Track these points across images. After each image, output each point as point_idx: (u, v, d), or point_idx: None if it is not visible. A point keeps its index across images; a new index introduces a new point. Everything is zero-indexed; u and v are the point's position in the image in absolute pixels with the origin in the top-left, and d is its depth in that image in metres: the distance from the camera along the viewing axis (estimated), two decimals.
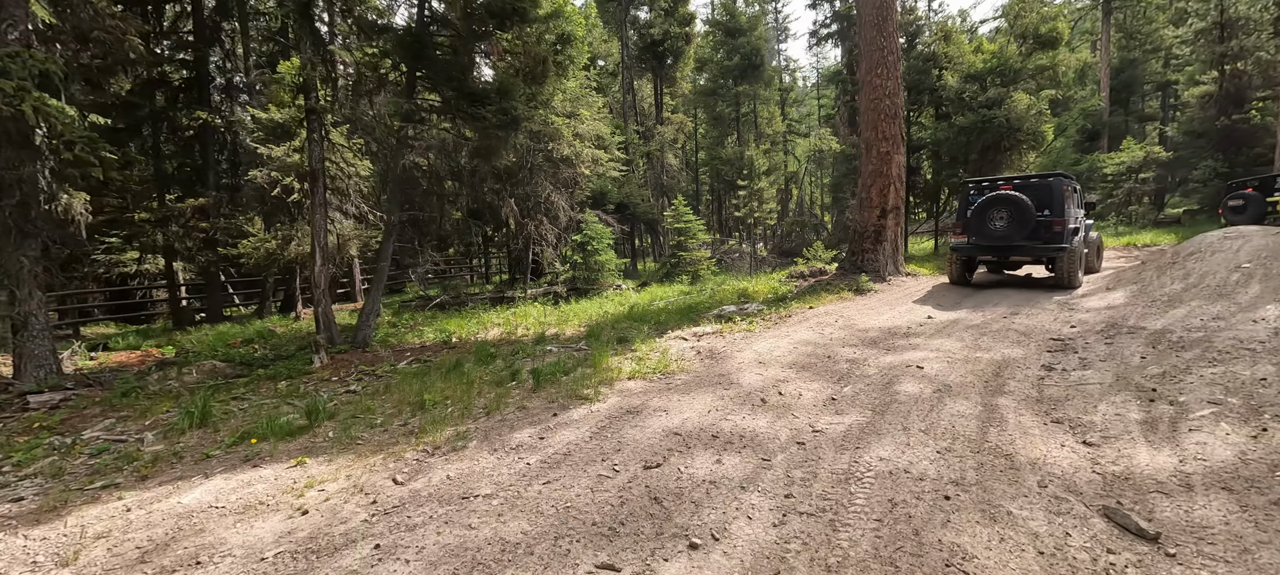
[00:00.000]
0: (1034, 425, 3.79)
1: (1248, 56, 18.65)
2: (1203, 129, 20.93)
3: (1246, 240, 7.81)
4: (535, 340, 8.17)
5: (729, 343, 6.91)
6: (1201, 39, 20.16)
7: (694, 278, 14.00)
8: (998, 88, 15.57)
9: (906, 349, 6.06)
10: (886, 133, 10.83)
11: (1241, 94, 19.10)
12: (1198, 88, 20.31)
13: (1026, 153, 16.17)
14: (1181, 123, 22.75)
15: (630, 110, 30.47)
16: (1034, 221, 8.91)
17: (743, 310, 9.11)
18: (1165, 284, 7.71)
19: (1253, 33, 18.62)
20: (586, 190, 15.45)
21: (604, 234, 13.41)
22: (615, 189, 17.10)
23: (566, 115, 12.59)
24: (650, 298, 11.98)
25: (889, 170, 10.89)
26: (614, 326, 8.74)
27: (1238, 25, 18.94)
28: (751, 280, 12.17)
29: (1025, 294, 9.36)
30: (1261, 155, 18.37)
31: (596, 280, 13.24)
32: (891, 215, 11.04)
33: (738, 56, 21.36)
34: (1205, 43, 19.87)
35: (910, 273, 11.60)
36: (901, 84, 11.08)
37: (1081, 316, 7.11)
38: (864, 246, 11.26)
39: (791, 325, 7.77)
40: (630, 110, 30.47)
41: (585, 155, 12.82)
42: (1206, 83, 20.21)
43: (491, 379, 5.92)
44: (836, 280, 10.76)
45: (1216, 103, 19.58)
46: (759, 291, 10.68)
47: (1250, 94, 19.02)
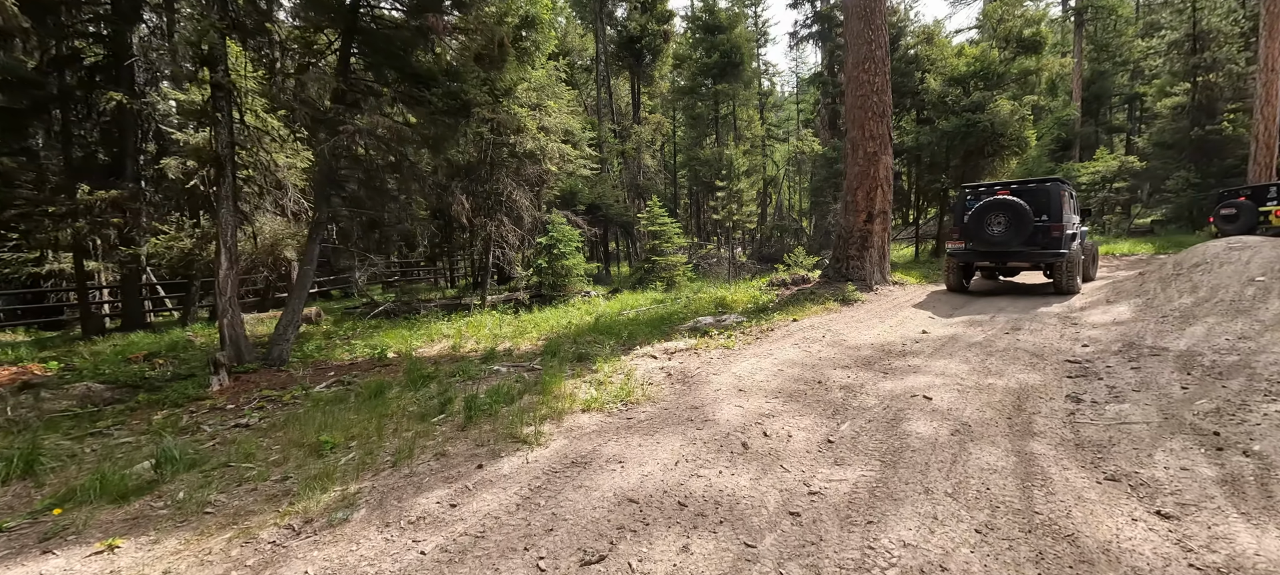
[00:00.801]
0: (1086, 484, 2.99)
1: (1219, 68, 18.88)
2: (1173, 140, 21.17)
3: (1255, 251, 7.35)
4: (484, 357, 7.15)
5: (704, 363, 6.03)
6: (1174, 51, 20.38)
7: (669, 284, 13.16)
8: (981, 91, 15.21)
9: (907, 372, 5.27)
10: (873, 132, 10.18)
11: (1213, 105, 19.34)
12: (1170, 99, 20.53)
13: (1009, 158, 15.87)
14: (1152, 134, 23.03)
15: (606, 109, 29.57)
16: (1032, 227, 8.73)
17: (720, 322, 8.26)
18: (1173, 297, 7.16)
19: (1224, 45, 18.85)
20: (555, 190, 14.44)
21: (572, 236, 12.44)
22: (587, 189, 16.13)
23: (531, 106, 11.59)
24: (621, 306, 11.05)
25: (876, 172, 10.24)
26: (576, 340, 7.79)
27: (1209, 37, 19.17)
28: (730, 288, 11.37)
29: (1021, 304, 8.78)
30: (1233, 166, 18.58)
31: (563, 286, 12.25)
32: (878, 220, 10.39)
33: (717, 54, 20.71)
34: (1178, 54, 20.09)
35: (897, 281, 10.97)
36: (889, 82, 10.47)
37: (1091, 334, 6.47)
38: (849, 253, 10.57)
39: (774, 341, 6.94)
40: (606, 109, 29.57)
41: (552, 151, 11.84)
42: (1178, 94, 20.44)
43: (417, 410, 4.90)
44: (821, 289, 10.03)
45: (1188, 114, 19.79)
46: (738, 301, 9.86)
47: (1221, 105, 19.27)
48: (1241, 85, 18.89)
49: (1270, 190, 12.28)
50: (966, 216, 9.06)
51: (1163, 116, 21.43)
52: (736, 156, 14.42)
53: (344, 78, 7.39)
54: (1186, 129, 19.87)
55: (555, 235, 11.98)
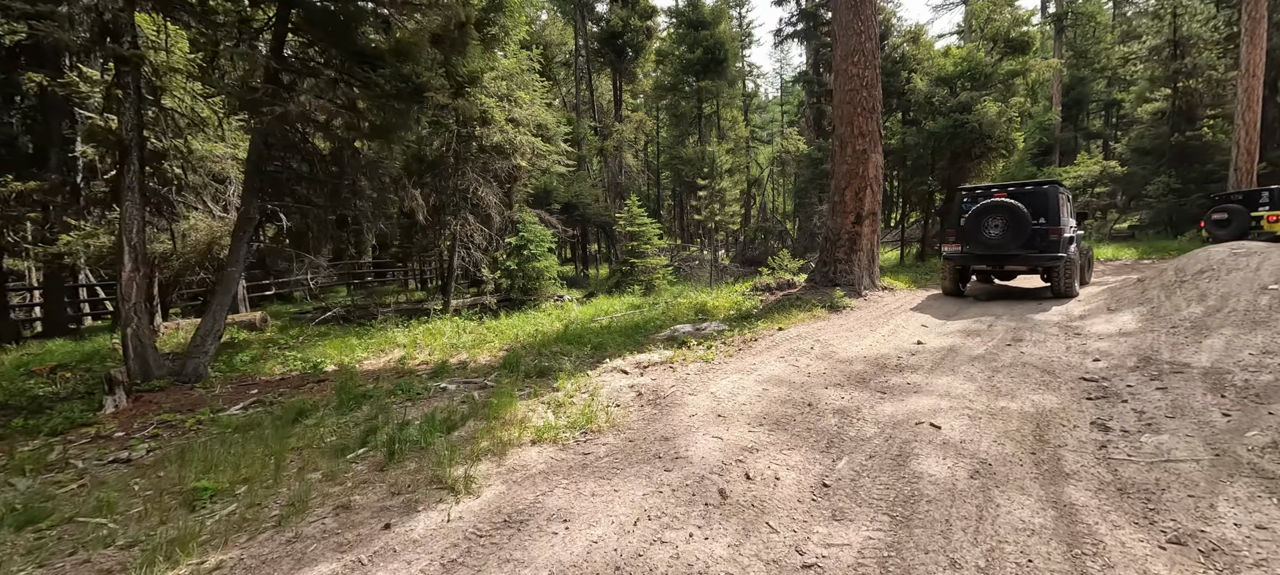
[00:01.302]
0: (1148, 551, 2.39)
1: (1199, 74, 18.97)
2: (1152, 146, 21.28)
3: (1264, 258, 6.97)
4: (433, 371, 6.38)
5: (680, 379, 5.36)
6: (1155, 56, 20.47)
7: (648, 288, 12.50)
8: (969, 92, 14.90)
9: (907, 392, 4.68)
10: (863, 128, 9.66)
11: (1193, 111, 19.45)
12: (1150, 105, 20.63)
13: (996, 161, 15.60)
14: (1130, 139, 23.15)
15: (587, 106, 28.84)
16: (1031, 230, 8.59)
17: (700, 331, 7.61)
18: (1181, 306, 6.73)
19: (1204, 51, 18.96)
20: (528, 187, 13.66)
21: (545, 237, 11.69)
22: (562, 187, 15.36)
23: (501, 98, 10.82)
24: (595, 311, 10.34)
25: (865, 171, 9.72)
26: (541, 351, 7.05)
27: (1189, 43, 19.27)
28: (712, 292, 10.75)
29: (1017, 311, 8.33)
30: (1213, 172, 18.68)
31: (535, 290, 11.49)
32: (867, 221, 9.87)
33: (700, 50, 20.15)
34: (1158, 60, 20.17)
35: (886, 286, 10.48)
36: (879, 76, 9.98)
37: (1099, 346, 5.98)
38: (836, 256, 10.03)
39: (758, 353, 6.31)
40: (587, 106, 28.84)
41: (523, 145, 11.08)
42: (1158, 100, 20.53)
43: (335, 442, 4.12)
44: (807, 294, 9.46)
45: (1169, 119, 19.88)
46: (720, 307, 9.24)
47: (1201, 111, 19.38)
48: (1220, 91, 19.02)
49: (1262, 195, 12.24)
50: (963, 219, 8.89)
51: (1142, 122, 21.54)
52: (719, 154, 13.82)
53: (277, 56, 6.54)
54: (1167, 135, 19.96)
55: (526, 235, 11.22)
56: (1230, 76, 18.73)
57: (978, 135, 14.71)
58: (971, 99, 14.70)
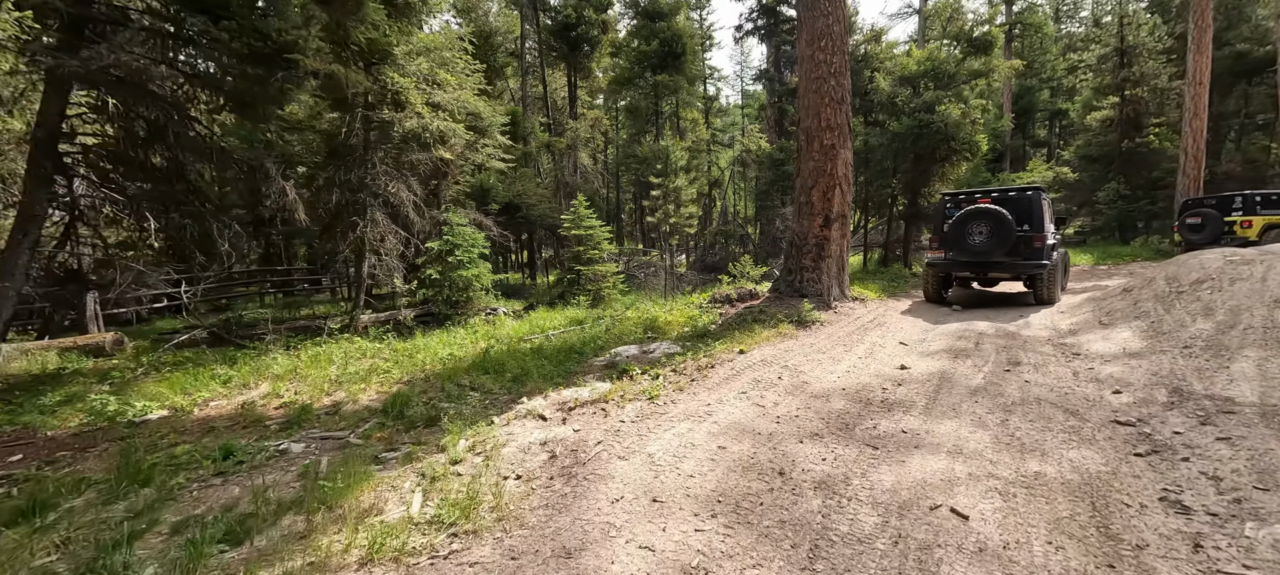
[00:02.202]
0: None
1: (1145, 83, 19.40)
2: (1100, 154, 21.73)
3: (1268, 266, 6.36)
4: (289, 420, 4.84)
5: (612, 431, 4.07)
6: (1103, 65, 20.89)
7: (596, 299, 11.19)
8: (932, 92, 14.40)
9: (906, 446, 3.57)
10: (831, 121, 8.71)
11: (1139, 119, 19.88)
12: (1098, 113, 21.03)
13: (959, 163, 15.19)
14: (1079, 147, 23.66)
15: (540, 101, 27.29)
16: (1015, 236, 8.40)
17: (646, 355, 6.36)
18: (1185, 321, 5.98)
19: (1148, 61, 19.40)
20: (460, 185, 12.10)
21: (475, 241, 10.18)
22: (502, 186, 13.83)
23: (421, 79, 9.27)
24: (529, 328, 8.93)
25: (834, 168, 8.77)
26: (444, 386, 5.62)
27: (1135, 53, 19.70)
28: (666, 304, 9.55)
29: (999, 323, 7.53)
30: (1160, 179, 19.10)
31: (462, 303, 9.95)
32: (836, 224, 8.92)
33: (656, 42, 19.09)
34: (1107, 68, 20.58)
35: (857, 296, 9.56)
36: (848, 64, 9.08)
37: (1111, 371, 5.10)
38: (803, 263, 9.03)
39: (715, 385, 5.11)
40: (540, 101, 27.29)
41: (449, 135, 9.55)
42: (1105, 108, 20.94)
43: (40, 568, 2.61)
44: (771, 307, 8.39)
45: (1117, 127, 20.26)
46: (673, 323, 8.03)
47: (1147, 120, 19.83)
48: (1164, 100, 19.52)
49: (1235, 200, 12.30)
50: (947, 225, 8.76)
51: (1090, 130, 21.98)
52: (675, 149, 12.65)
53: None
54: (1115, 142, 20.36)
55: (452, 239, 9.68)
56: (1175, 86, 19.21)
57: (942, 137, 14.21)
58: (935, 98, 14.20)
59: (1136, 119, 19.90)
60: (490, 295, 10.53)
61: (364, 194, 8.99)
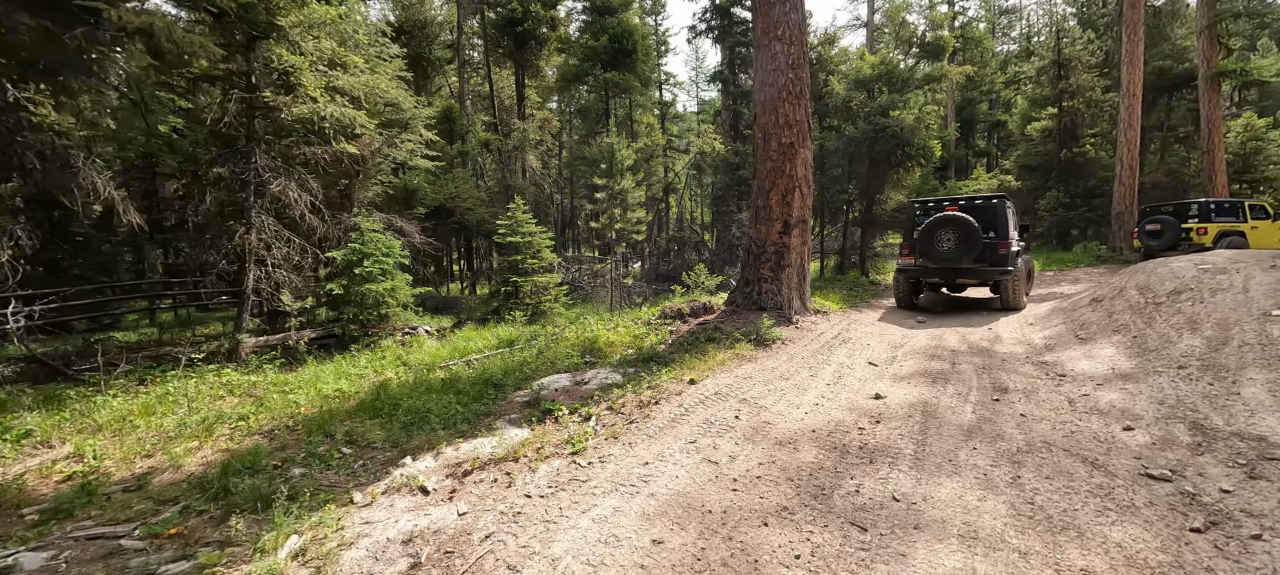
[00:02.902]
0: None
1: (1080, 95, 20.12)
2: (1039, 163, 22.45)
3: (1246, 275, 6.01)
4: (57, 507, 3.46)
5: (509, 514, 2.99)
6: (1042, 76, 21.61)
7: (534, 314, 10.02)
8: (887, 95, 14.13)
9: (902, 526, 2.69)
10: (789, 117, 7.95)
11: (1076, 130, 20.60)
12: (1037, 124, 21.70)
13: (913, 169, 15.00)
14: (1019, 157, 24.43)
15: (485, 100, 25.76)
16: (981, 243, 8.51)
17: (579, 387, 5.29)
18: (1171, 337, 5.48)
19: (1083, 73, 20.15)
20: (382, 185, 10.65)
21: (392, 249, 8.79)
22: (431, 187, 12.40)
23: (319, 59, 7.85)
24: (449, 352, 7.67)
25: (793, 168, 8.01)
26: (313, 438, 4.36)
27: (1071, 66, 20.43)
28: (610, 321, 8.50)
29: (969, 336, 6.95)
30: (1096, 187, 19.81)
31: (374, 322, 8.54)
32: (796, 230, 8.16)
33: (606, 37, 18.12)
34: (1047, 79, 21.27)
35: (819, 308, 8.84)
36: (807, 56, 8.38)
37: (1109, 399, 4.46)
38: (761, 273, 8.22)
39: (657, 432, 4.10)
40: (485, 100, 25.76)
41: (357, 126, 8.16)
42: (1044, 119, 21.63)
43: None
44: (727, 322, 7.50)
45: (1056, 137, 20.93)
46: (616, 343, 6.99)
47: (1082, 130, 20.58)
48: (1098, 111, 20.31)
49: (1191, 208, 12.60)
50: (917, 232, 8.88)
51: (1030, 140, 22.68)
52: (620, 147, 11.64)
53: None
54: (1055, 152, 21.02)
55: (360, 248, 8.28)
56: (1108, 97, 20.01)
57: (897, 141, 13.95)
58: (890, 102, 13.93)
59: (1073, 129, 20.62)
60: (410, 311, 9.16)
61: (246, 193, 7.47)
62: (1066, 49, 20.61)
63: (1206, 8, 18.02)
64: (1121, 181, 17.28)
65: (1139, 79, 16.68)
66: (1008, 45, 42.00)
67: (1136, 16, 16.54)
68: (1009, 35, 41.65)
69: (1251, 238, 11.59)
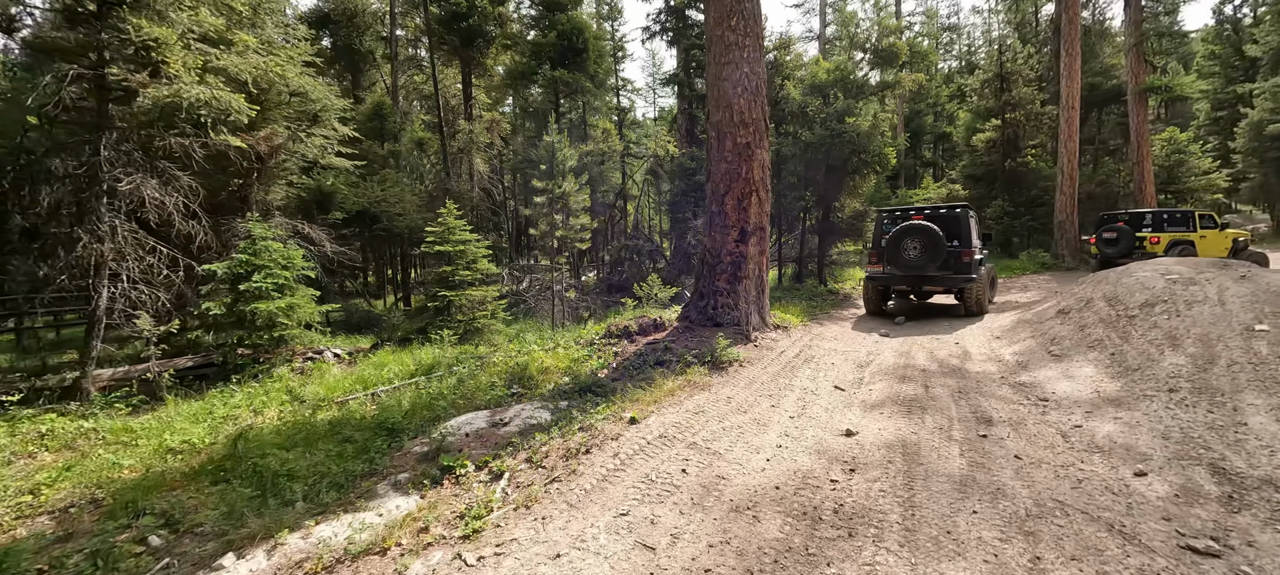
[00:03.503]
0: None
1: (1021, 108, 20.79)
2: (984, 173, 23.08)
3: (1219, 286, 5.74)
4: None
5: None
6: (986, 88, 22.26)
7: (467, 332, 8.91)
8: (842, 100, 13.88)
9: None
10: (745, 114, 7.29)
11: (1018, 141, 21.27)
12: (982, 134, 22.31)
13: (869, 177, 14.84)
14: (964, 167, 25.11)
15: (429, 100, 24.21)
16: (946, 251, 8.65)
17: (495, 430, 4.34)
18: (1152, 354, 5.08)
19: (1024, 87, 20.85)
20: (288, 186, 9.28)
21: (291, 260, 7.52)
22: (351, 190, 11.04)
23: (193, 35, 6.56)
24: (354, 382, 6.50)
25: (749, 171, 7.35)
26: (113, 523, 3.21)
27: (1012, 79, 21.11)
28: (550, 341, 7.55)
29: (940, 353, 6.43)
30: (1038, 197, 20.46)
31: (268, 346, 7.23)
32: (754, 238, 7.49)
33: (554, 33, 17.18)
34: (991, 92, 21.92)
35: (778, 323, 8.18)
36: (763, 51, 7.76)
37: (1107, 432, 3.92)
38: (717, 285, 7.49)
39: (584, 497, 3.23)
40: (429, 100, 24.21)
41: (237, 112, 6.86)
42: (988, 131, 22.26)
43: None
44: (680, 341, 6.71)
45: (1000, 148, 21.54)
46: (551, 369, 6.06)
47: (1024, 142, 21.27)
48: (1038, 123, 21.05)
49: (1146, 217, 13.00)
50: (884, 240, 9.03)
51: (975, 150, 23.31)
52: (563, 147, 10.68)
53: None
54: (999, 162, 21.62)
55: (249, 259, 6.99)
56: (1047, 110, 20.75)
57: (854, 148, 13.72)
58: (846, 107, 13.68)
59: (1015, 140, 21.28)
60: (316, 332, 7.87)
61: (91, 192, 6.08)
62: (1007, 64, 21.28)
63: (1134, 27, 18.99)
64: (1062, 191, 17.81)
65: (1077, 92, 17.25)
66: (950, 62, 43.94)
67: (1074, 31, 17.12)
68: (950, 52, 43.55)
69: (1200, 246, 12.02)
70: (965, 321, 8.72)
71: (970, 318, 8.84)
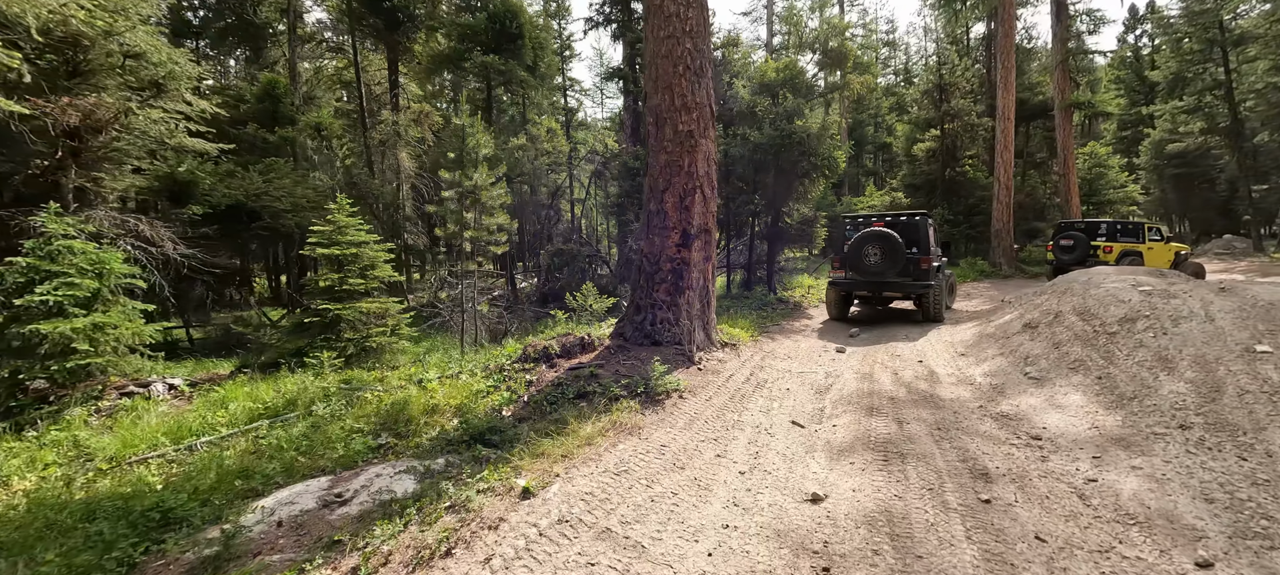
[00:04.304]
0: None
1: (959, 118, 21.28)
2: (923, 182, 23.54)
3: (1202, 301, 5.24)
4: None
5: None
6: (927, 99, 22.70)
7: (359, 353, 7.34)
8: (791, 100, 13.30)
9: None
10: (688, 98, 6.28)
11: (956, 151, 21.75)
12: (922, 144, 22.72)
13: (819, 181, 14.36)
14: (904, 176, 25.61)
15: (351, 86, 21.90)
16: (905, 258, 8.71)
17: (327, 512, 3.03)
18: (1145, 378, 4.46)
19: (961, 98, 21.36)
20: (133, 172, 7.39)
21: (104, 266, 5.76)
22: (218, 181, 9.07)
23: None
24: (172, 429, 4.89)
25: (693, 163, 6.33)
26: None
27: (950, 90, 21.60)
28: (456, 364, 6.19)
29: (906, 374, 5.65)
30: (975, 205, 20.96)
31: (64, 380, 5.45)
32: (698, 242, 6.47)
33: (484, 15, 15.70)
34: (930, 102, 22.34)
35: (726, 341, 7.19)
36: (710, 26, 6.78)
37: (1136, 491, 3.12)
38: (655, 297, 6.41)
39: None
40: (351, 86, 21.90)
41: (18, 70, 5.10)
42: (928, 141, 22.70)
43: None
44: (610, 364, 5.57)
45: (939, 158, 21.96)
46: (441, 407, 4.74)
47: (962, 151, 21.79)
48: (974, 134, 21.62)
49: (1100, 227, 13.34)
50: (846, 246, 9.08)
51: (916, 160, 23.75)
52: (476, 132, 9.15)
53: None
54: (938, 171, 22.03)
55: (32, 266, 5.23)
56: (983, 121, 21.31)
57: (803, 150, 13.15)
58: (796, 108, 13.09)
59: (954, 150, 21.75)
60: (140, 357, 6.11)
61: None
62: (946, 76, 21.74)
63: (1060, 44, 19.80)
64: (999, 200, 18.16)
65: (1012, 103, 17.65)
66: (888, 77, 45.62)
67: (1009, 43, 17.52)
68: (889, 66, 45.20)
69: (1147, 257, 12.54)
70: (923, 330, 8.46)
71: (929, 324, 8.87)
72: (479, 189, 8.22)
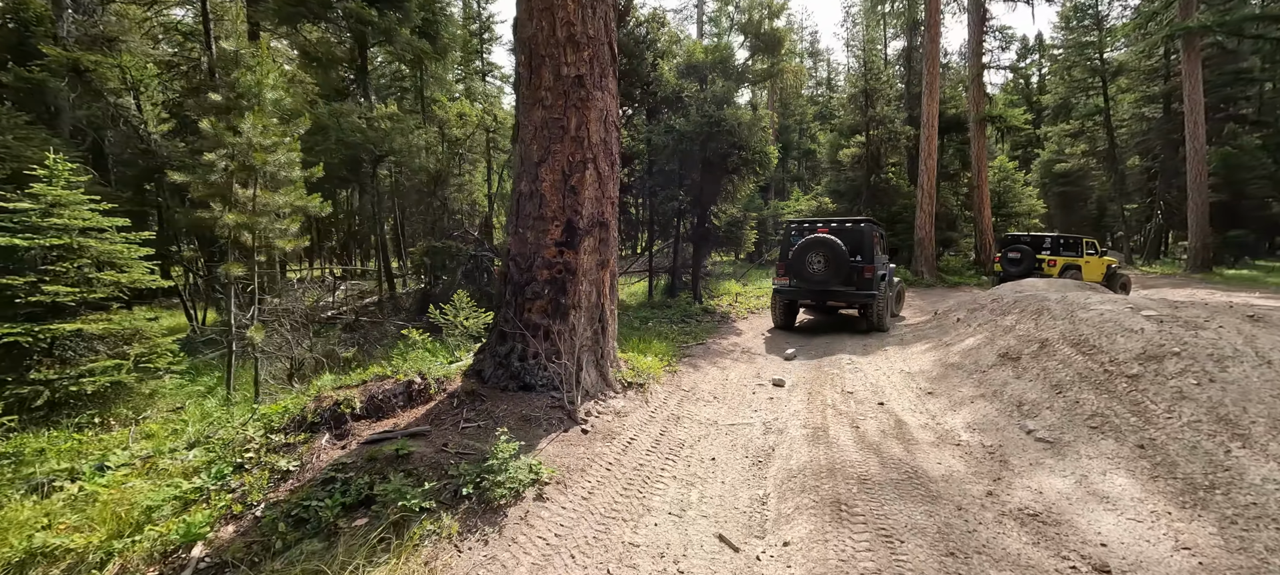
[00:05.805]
0: None
1: (884, 125, 21.12)
2: (847, 188, 23.33)
3: (1247, 337, 4.04)
4: None
5: None
6: (853, 104, 22.43)
7: (52, 407, 4.62)
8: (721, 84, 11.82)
9: None
10: (576, 26, 4.32)
11: (880, 158, 21.61)
12: (848, 150, 22.44)
13: (748, 177, 13.02)
14: (828, 182, 25.43)
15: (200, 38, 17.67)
16: (849, 267, 8.39)
17: None
18: (1216, 455, 3.12)
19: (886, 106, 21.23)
20: None
21: None
22: None
23: None
24: None
25: (584, 124, 4.38)
26: None
27: (875, 97, 21.41)
28: (217, 421, 3.82)
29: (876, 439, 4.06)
30: (899, 213, 20.85)
31: None
32: (590, 240, 4.53)
33: None
34: (855, 107, 22.08)
35: (632, 380, 5.26)
36: None
37: None
38: (528, 318, 4.38)
39: None
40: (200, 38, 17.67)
41: None
42: (853, 147, 22.45)
43: None
44: (437, 436, 3.49)
45: (864, 164, 21.72)
46: (69, 549, 2.38)
47: (885, 159, 21.69)
48: (895, 143, 21.59)
49: (1045, 241, 13.38)
50: (790, 252, 8.88)
51: (841, 166, 23.49)
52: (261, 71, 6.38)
53: None
54: (863, 178, 21.79)
55: None
56: (906, 129, 21.29)
57: (734, 142, 11.70)
58: (726, 93, 11.62)
59: (878, 157, 21.58)
60: None
61: None
62: (871, 82, 21.54)
63: (975, 58, 20.12)
64: (922, 209, 17.95)
65: (936, 111, 17.48)
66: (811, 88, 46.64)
67: (935, 49, 17.31)
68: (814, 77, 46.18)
69: (1085, 270, 12.59)
70: (870, 348, 7.49)
71: (874, 334, 8.60)
72: (252, 148, 5.64)
